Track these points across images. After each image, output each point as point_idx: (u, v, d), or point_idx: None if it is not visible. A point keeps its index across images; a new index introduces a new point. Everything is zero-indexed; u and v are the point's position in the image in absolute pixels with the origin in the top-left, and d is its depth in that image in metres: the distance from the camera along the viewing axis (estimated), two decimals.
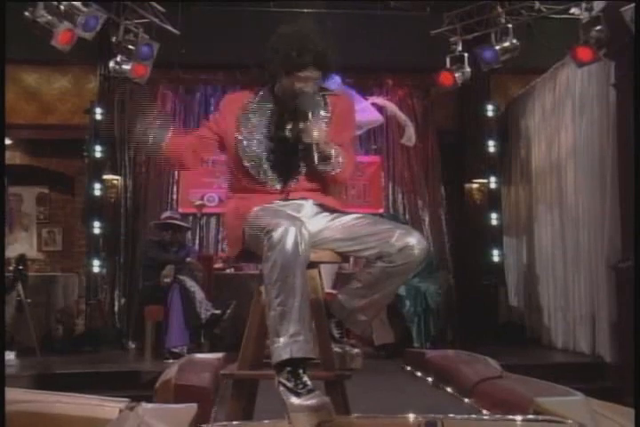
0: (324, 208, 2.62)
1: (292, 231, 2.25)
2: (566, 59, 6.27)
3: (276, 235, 2.25)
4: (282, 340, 2.18)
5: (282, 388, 2.15)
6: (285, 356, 2.16)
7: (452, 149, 8.20)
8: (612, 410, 2.66)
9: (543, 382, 3.45)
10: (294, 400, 2.10)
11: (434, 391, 4.28)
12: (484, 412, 3.40)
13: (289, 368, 2.17)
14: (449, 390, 4.13)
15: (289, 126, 2.58)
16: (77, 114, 7.82)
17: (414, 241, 2.45)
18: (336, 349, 2.52)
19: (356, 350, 2.54)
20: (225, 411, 2.71)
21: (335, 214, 2.59)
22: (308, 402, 2.09)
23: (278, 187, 2.59)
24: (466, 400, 3.75)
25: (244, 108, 2.66)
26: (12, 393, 2.96)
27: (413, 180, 8.05)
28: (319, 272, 2.66)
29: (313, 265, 2.53)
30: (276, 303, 2.23)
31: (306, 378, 2.16)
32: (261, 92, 2.71)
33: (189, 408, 2.72)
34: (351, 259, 3.02)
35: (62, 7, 5.13)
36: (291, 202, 2.59)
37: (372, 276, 2.51)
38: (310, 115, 2.52)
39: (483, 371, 4.01)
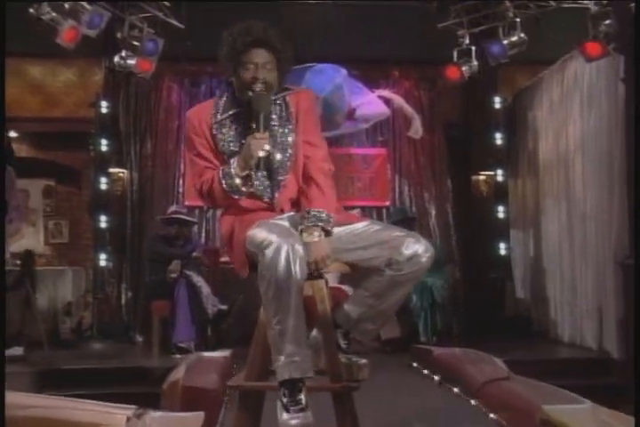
0: None
1: (284, 249, 2.23)
2: (574, 51, 6.21)
3: (268, 253, 2.24)
4: (282, 358, 2.26)
5: (279, 402, 2.27)
6: (285, 376, 2.25)
7: (458, 142, 8.14)
8: (619, 419, 2.66)
9: (550, 387, 3.45)
10: (284, 416, 2.23)
11: (440, 391, 4.28)
12: (491, 415, 3.41)
13: (287, 386, 2.26)
14: (455, 390, 4.14)
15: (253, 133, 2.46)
16: (83, 107, 7.78)
17: (423, 249, 2.44)
18: (343, 359, 2.51)
19: (364, 361, 2.53)
20: (231, 420, 2.71)
21: (342, 227, 2.54)
22: (293, 421, 2.21)
23: (267, 199, 2.54)
24: (472, 402, 3.76)
25: (212, 123, 2.54)
26: (20, 398, 2.97)
27: (420, 172, 8.01)
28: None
29: (320, 276, 2.52)
30: (274, 322, 2.27)
31: (301, 396, 2.25)
32: (224, 99, 2.58)
33: (197, 417, 2.74)
34: None
35: (67, 5, 5.10)
36: (290, 215, 2.55)
37: (379, 284, 2.49)
38: (263, 116, 2.44)
39: (489, 372, 4.02)
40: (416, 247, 2.43)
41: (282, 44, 2.52)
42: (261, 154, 2.42)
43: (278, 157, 2.52)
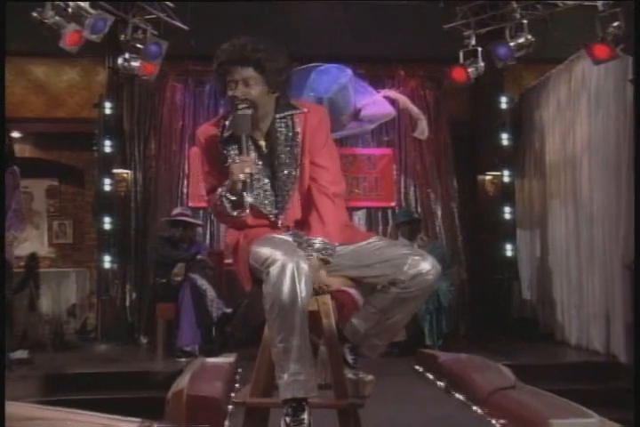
0: None
1: (289, 268, 2.21)
2: (582, 51, 6.14)
3: (273, 272, 2.22)
4: (285, 376, 2.24)
5: (282, 422, 2.25)
6: (288, 395, 2.23)
7: (464, 141, 8.08)
8: None
9: (557, 398, 3.41)
10: None
11: (445, 399, 4.25)
12: (497, 426, 3.38)
13: (291, 404, 2.23)
14: (461, 397, 4.10)
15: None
16: (86, 107, 7.73)
17: (428, 267, 2.42)
18: (349, 375, 2.48)
19: (370, 377, 2.50)
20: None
21: (346, 244, 2.51)
22: None
23: (272, 218, 2.51)
24: (478, 411, 3.73)
25: (220, 141, 2.50)
26: (25, 409, 2.96)
27: (426, 172, 7.94)
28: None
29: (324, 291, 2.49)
30: (277, 340, 2.24)
31: (304, 416, 2.22)
32: (228, 117, 2.53)
33: None
34: None
35: (70, 9, 5.06)
36: (294, 232, 2.52)
37: (386, 301, 2.48)
38: (245, 138, 2.40)
39: (496, 380, 3.98)
40: (421, 266, 2.41)
41: (265, 56, 2.40)
42: (242, 177, 2.35)
43: (284, 177, 2.48)
